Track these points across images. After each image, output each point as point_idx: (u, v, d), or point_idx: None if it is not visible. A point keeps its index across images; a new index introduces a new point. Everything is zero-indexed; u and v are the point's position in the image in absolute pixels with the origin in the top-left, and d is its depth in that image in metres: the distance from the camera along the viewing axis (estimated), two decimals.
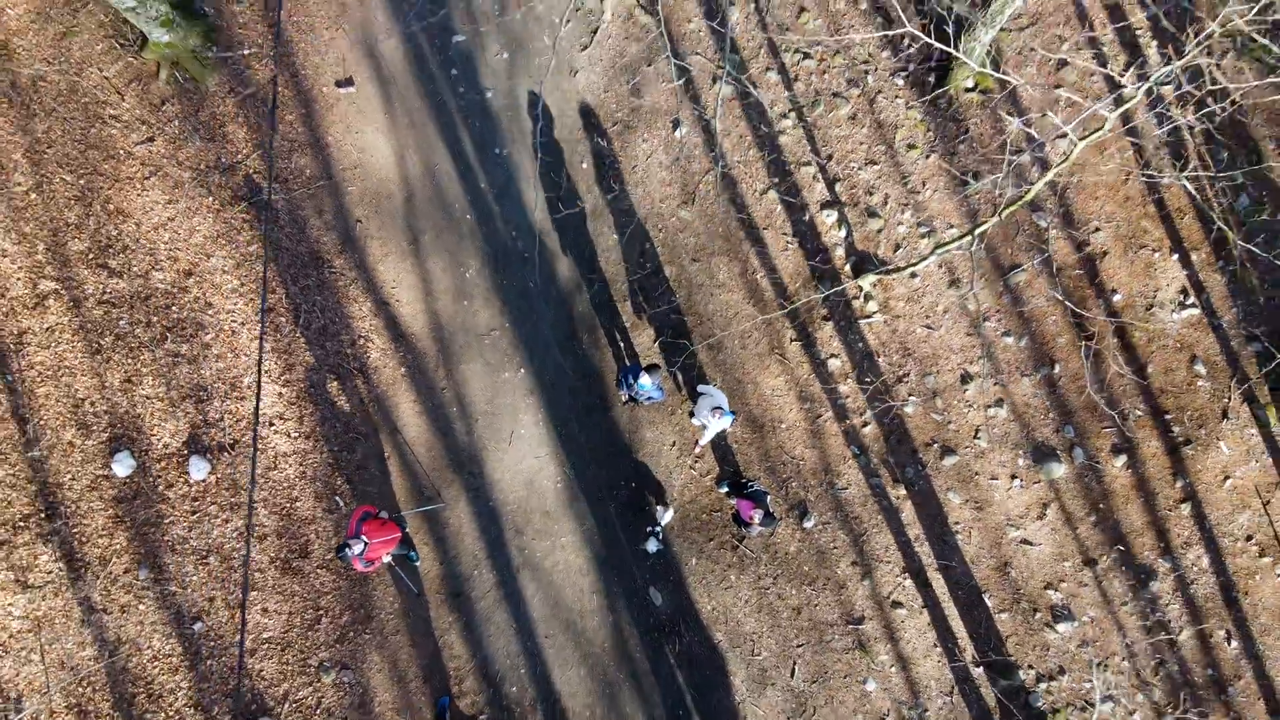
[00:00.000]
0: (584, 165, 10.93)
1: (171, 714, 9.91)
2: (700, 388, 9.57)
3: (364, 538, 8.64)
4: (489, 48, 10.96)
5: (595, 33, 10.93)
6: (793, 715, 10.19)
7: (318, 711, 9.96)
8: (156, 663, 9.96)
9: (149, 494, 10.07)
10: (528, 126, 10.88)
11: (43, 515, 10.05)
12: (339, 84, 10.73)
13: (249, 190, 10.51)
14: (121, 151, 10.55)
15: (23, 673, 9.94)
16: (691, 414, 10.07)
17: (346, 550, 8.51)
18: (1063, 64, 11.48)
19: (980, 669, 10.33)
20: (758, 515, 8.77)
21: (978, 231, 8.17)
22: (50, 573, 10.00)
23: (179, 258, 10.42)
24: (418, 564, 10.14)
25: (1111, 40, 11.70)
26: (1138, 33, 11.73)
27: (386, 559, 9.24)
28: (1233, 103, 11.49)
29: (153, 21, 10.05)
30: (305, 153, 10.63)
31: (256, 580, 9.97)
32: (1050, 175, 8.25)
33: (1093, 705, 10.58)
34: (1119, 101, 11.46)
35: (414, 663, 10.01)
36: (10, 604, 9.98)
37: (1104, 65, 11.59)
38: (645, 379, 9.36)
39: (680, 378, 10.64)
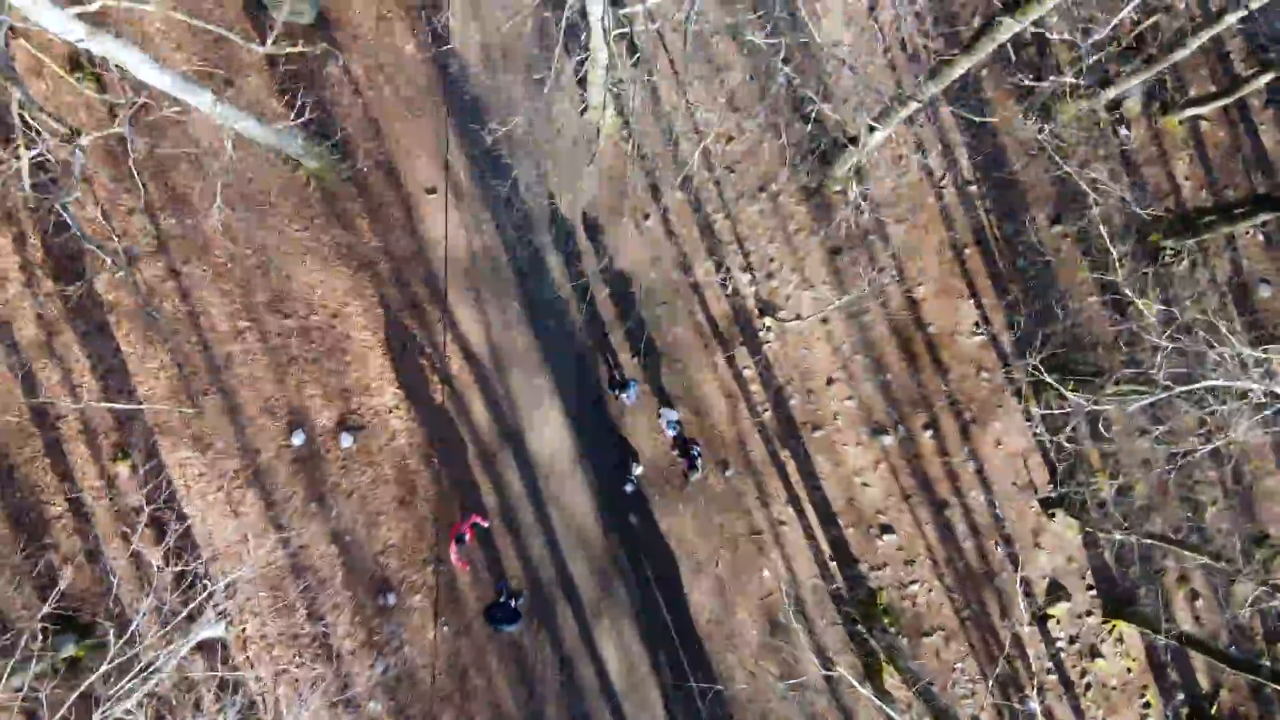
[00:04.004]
0: (588, 242, 16.74)
1: (332, 592, 15.99)
2: (663, 410, 15.65)
3: (467, 535, 14.83)
4: (525, 164, 16.61)
5: (594, 154, 16.64)
6: (717, 592, 16.44)
7: (423, 589, 16.07)
8: (323, 559, 16.03)
9: (315, 456, 16.03)
10: (549, 218, 16.63)
11: (249, 470, 16.00)
12: (427, 190, 16.43)
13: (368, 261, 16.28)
14: (286, 235, 16.24)
15: (234, 570, 15.94)
16: (659, 414, 16.17)
17: (459, 544, 14.77)
18: (903, 173, 17.32)
19: (833, 563, 16.58)
20: (686, 465, 14.92)
21: (838, 304, 14.07)
22: (254, 505, 15.98)
23: (328, 305, 16.22)
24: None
25: (936, 151, 17.49)
26: (958, 152, 17.54)
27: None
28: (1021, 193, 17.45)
29: (310, 157, 15.67)
30: (407, 235, 16.39)
31: (385, 508, 16.02)
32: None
33: (907, 587, 16.86)
34: (940, 195, 17.39)
35: (483, 557, 16.12)
36: (227, 525, 15.99)
37: (932, 175, 17.43)
38: (627, 387, 15.35)
39: (650, 390, 16.62)
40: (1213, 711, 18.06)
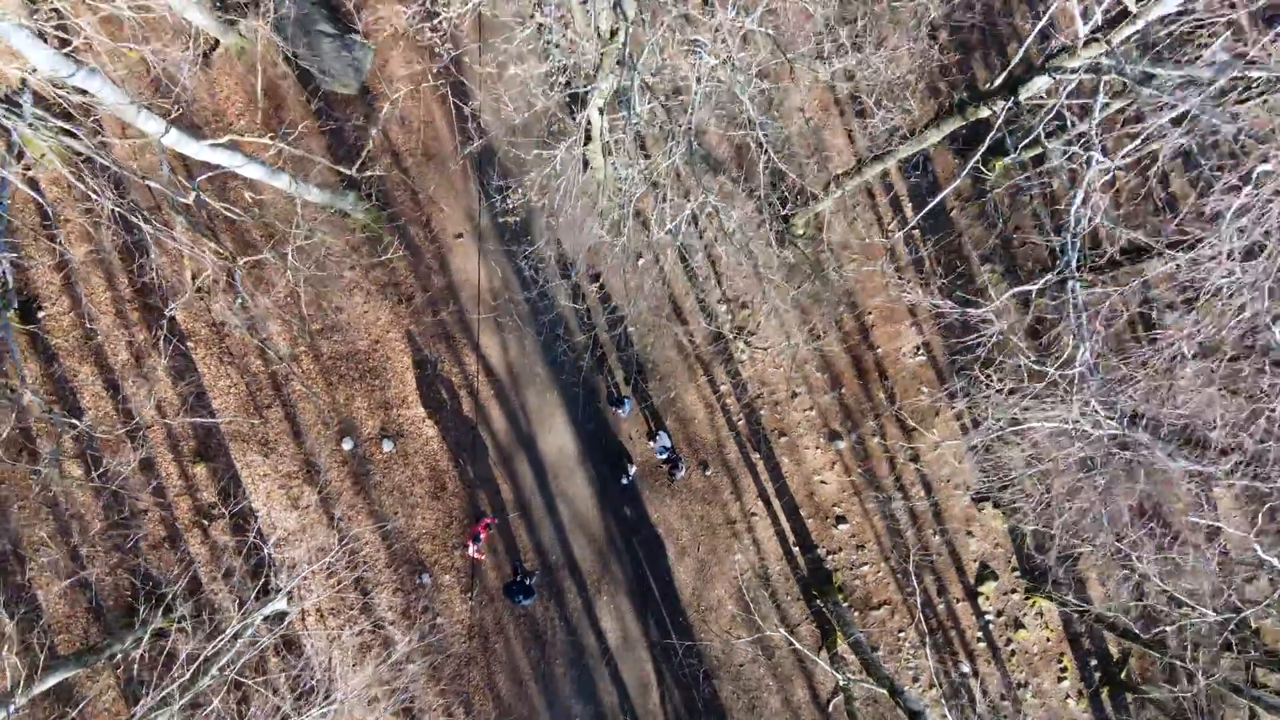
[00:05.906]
0: (590, 280, 19.88)
1: (377, 571, 19.14)
2: (659, 433, 18.77)
3: (481, 535, 17.88)
4: (538, 215, 19.74)
5: (596, 208, 19.77)
6: (698, 571, 19.63)
7: (452, 569, 19.23)
8: (368, 544, 19.16)
9: (362, 459, 19.17)
10: (558, 260, 19.78)
11: (306, 470, 19.13)
12: (455, 236, 19.57)
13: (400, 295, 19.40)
14: (337, 274, 19.36)
15: (295, 553, 19.08)
16: (652, 439, 19.32)
17: (475, 542, 17.81)
18: (853, 220, 20.49)
19: (796, 548, 19.76)
20: (670, 467, 18.13)
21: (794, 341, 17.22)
22: (311, 500, 19.13)
23: (371, 333, 19.35)
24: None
25: (884, 201, 20.67)
26: (902, 201, 20.71)
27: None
28: (956, 235, 20.63)
29: (358, 210, 18.77)
30: (438, 274, 19.53)
31: (420, 501, 19.17)
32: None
33: (858, 568, 20.05)
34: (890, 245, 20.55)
35: (501, 543, 19.28)
36: (288, 517, 19.12)
37: (880, 221, 20.60)
38: (623, 403, 18.51)
39: (641, 405, 19.78)
40: (1122, 676, 21.29)
